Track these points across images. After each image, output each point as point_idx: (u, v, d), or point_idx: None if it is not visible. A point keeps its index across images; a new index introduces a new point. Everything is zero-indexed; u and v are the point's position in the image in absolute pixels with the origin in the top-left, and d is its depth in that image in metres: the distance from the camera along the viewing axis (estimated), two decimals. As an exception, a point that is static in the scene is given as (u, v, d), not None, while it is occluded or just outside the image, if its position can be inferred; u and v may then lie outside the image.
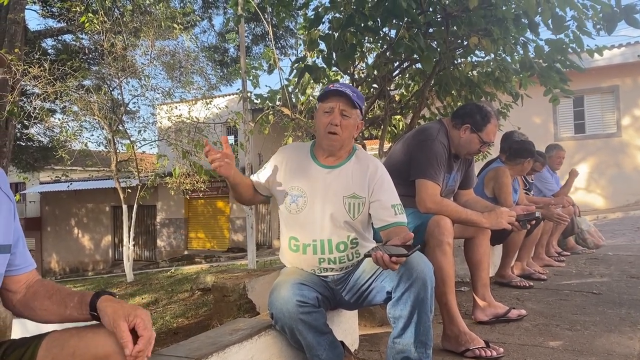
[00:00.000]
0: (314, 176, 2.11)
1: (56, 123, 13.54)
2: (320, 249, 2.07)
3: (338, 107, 2.03)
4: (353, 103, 2.03)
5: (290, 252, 2.15)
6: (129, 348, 1.11)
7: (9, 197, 1.31)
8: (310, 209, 2.07)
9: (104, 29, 10.50)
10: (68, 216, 22.54)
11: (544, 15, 3.11)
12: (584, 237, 5.81)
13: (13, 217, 1.31)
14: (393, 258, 1.69)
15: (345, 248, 2.09)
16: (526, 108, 5.21)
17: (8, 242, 1.26)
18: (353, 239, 2.10)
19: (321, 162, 2.14)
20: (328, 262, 2.09)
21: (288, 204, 2.10)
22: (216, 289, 3.35)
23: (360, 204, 2.09)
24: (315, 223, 2.07)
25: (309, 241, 2.08)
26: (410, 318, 1.85)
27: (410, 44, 3.35)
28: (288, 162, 2.16)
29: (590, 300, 3.45)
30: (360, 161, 2.16)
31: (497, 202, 3.79)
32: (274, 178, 2.15)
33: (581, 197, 12.48)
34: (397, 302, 1.88)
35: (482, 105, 2.84)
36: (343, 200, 2.07)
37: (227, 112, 11.29)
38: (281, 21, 5.45)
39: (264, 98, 5.51)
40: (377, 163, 2.20)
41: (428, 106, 5.42)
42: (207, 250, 19.40)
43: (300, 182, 2.10)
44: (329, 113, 2.05)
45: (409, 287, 1.83)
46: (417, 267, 1.84)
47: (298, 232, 2.10)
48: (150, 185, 12.13)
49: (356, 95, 2.05)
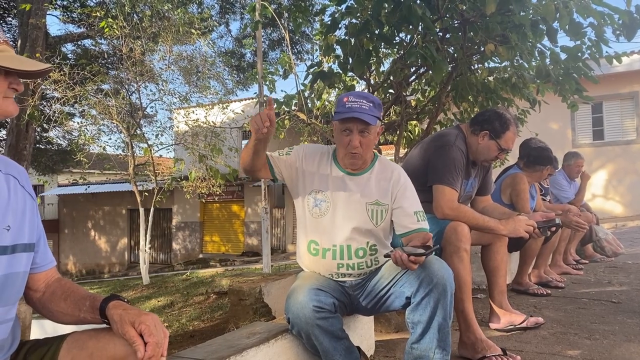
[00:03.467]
0: (338, 182, 2.11)
1: (75, 126, 13.77)
2: (340, 254, 2.08)
3: (356, 127, 2.00)
4: (371, 119, 1.98)
5: (309, 256, 2.15)
6: (140, 352, 1.12)
7: (32, 196, 1.33)
8: (333, 214, 2.08)
9: (123, 34, 10.64)
10: (85, 219, 22.83)
11: (562, 22, 3.09)
12: (602, 245, 5.73)
13: (36, 215, 1.33)
14: (411, 257, 1.72)
15: (364, 254, 2.09)
16: (544, 114, 5.17)
17: (32, 240, 1.29)
18: (372, 246, 2.10)
19: (344, 168, 2.13)
20: (346, 267, 2.10)
21: (311, 207, 2.11)
22: (232, 293, 3.36)
23: (383, 211, 2.10)
24: (337, 229, 2.07)
25: (328, 246, 2.09)
26: (430, 323, 1.85)
27: (423, 52, 3.34)
28: (311, 162, 2.14)
29: (609, 309, 3.40)
30: (383, 168, 2.16)
31: (514, 208, 3.76)
32: (294, 171, 2.13)
33: (600, 205, 12.32)
34: (416, 307, 1.88)
35: (501, 112, 2.82)
36: (366, 207, 2.08)
37: (243, 117, 11.38)
38: (298, 27, 5.49)
39: (280, 103, 5.55)
40: (400, 170, 2.20)
41: (444, 112, 5.41)
42: (222, 253, 19.49)
43: (324, 187, 2.10)
44: (347, 133, 2.02)
45: (429, 292, 1.84)
46: (438, 273, 1.85)
47: (318, 236, 2.11)
48: (166, 188, 12.24)
49: (373, 108, 2.00)
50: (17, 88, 1.22)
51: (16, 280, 1.22)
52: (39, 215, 1.36)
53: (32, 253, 1.29)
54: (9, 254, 1.20)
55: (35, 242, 1.31)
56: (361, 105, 1.97)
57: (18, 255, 1.23)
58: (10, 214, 1.22)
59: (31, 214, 1.30)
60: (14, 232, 1.22)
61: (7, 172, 1.28)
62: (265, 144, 1.96)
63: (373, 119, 1.98)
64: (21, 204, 1.28)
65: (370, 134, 2.02)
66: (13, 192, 1.26)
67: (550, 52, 3.72)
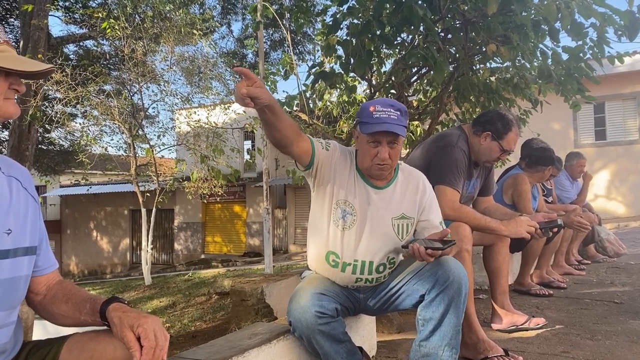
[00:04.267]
0: (364, 196, 2.02)
1: (77, 127, 13.79)
2: (360, 269, 2.02)
3: (385, 140, 1.91)
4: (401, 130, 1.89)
5: (327, 266, 2.06)
6: (136, 357, 1.12)
7: (34, 199, 1.32)
8: (358, 229, 2.00)
9: (125, 34, 10.66)
10: (87, 219, 22.88)
11: (564, 22, 3.09)
12: (604, 246, 5.72)
13: (38, 217, 1.32)
14: (429, 250, 1.74)
15: (384, 269, 2.06)
16: (546, 114, 5.15)
17: (34, 243, 1.28)
18: (391, 259, 2.07)
19: (370, 180, 2.04)
20: (365, 281, 2.06)
21: (337, 217, 2.00)
22: (234, 293, 3.36)
23: (409, 224, 2.06)
24: (361, 244, 2.01)
25: (350, 260, 2.01)
26: (441, 321, 1.85)
27: (424, 52, 3.34)
28: (343, 166, 2.03)
29: (611, 310, 3.40)
30: (407, 178, 2.10)
31: (516, 209, 3.75)
32: (327, 169, 2.00)
33: (602, 205, 12.28)
34: (430, 303, 1.87)
35: (504, 113, 2.82)
36: (392, 222, 2.02)
37: (245, 117, 11.37)
38: (299, 27, 5.49)
39: (281, 103, 5.55)
40: (425, 179, 2.15)
41: (446, 112, 5.40)
42: (224, 254, 19.51)
43: (351, 199, 2.00)
44: (375, 144, 1.92)
45: (444, 290, 1.84)
46: (454, 271, 1.85)
47: (340, 249, 2.02)
48: (168, 189, 12.25)
49: (401, 117, 1.90)
50: (19, 89, 1.21)
51: (18, 284, 1.22)
52: (41, 217, 1.35)
53: (34, 256, 1.28)
54: (10, 258, 1.19)
55: (37, 245, 1.29)
56: (390, 115, 1.88)
57: (20, 259, 1.22)
58: (11, 217, 1.21)
59: (33, 216, 1.29)
60: (16, 235, 1.21)
61: (9, 174, 1.27)
62: (270, 111, 1.72)
63: (403, 130, 1.90)
64: (23, 206, 1.27)
65: (398, 144, 1.94)
66: (15, 194, 1.25)
67: (552, 52, 3.71)
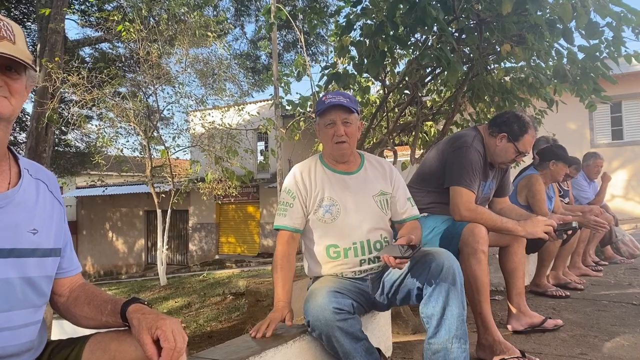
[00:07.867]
0: (339, 184, 2.21)
1: (93, 129, 13.96)
2: (361, 250, 2.16)
3: (339, 118, 2.13)
4: (350, 110, 2.13)
5: (329, 260, 2.18)
6: None
7: (60, 202, 1.35)
8: (345, 214, 2.16)
9: (140, 37, 10.77)
10: (103, 220, 23.09)
11: (579, 21, 3.06)
12: (618, 247, 5.66)
13: (63, 221, 1.35)
14: (397, 260, 1.85)
15: (381, 247, 2.17)
16: (561, 114, 5.11)
17: (59, 245, 1.31)
18: (385, 238, 2.21)
19: (339, 170, 2.24)
20: (368, 262, 2.17)
21: (321, 215, 2.16)
22: (250, 294, 3.39)
23: (388, 199, 2.26)
24: (353, 226, 2.15)
25: (349, 245, 2.15)
26: (443, 314, 1.90)
27: (437, 53, 3.33)
28: (306, 183, 2.20)
29: (630, 312, 3.36)
30: (373, 163, 2.33)
31: (531, 210, 3.73)
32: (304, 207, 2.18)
33: (619, 205, 12.13)
34: (428, 299, 1.95)
35: (520, 115, 2.80)
36: (373, 199, 2.21)
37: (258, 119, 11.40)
38: (313, 28, 5.51)
39: (295, 104, 5.57)
40: (387, 162, 2.38)
41: (460, 112, 5.38)
42: (238, 255, 19.56)
43: (328, 193, 2.18)
44: (331, 125, 2.15)
45: (439, 283, 1.91)
46: (445, 263, 1.92)
47: (337, 239, 2.16)
48: (183, 190, 12.34)
49: (351, 101, 2.15)
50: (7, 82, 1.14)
51: (42, 284, 1.24)
52: (66, 221, 1.38)
53: (58, 258, 1.31)
54: (35, 257, 1.21)
55: (61, 247, 1.32)
56: (339, 99, 2.13)
57: (44, 259, 1.25)
58: (37, 218, 1.24)
59: (59, 219, 1.32)
60: (41, 235, 1.24)
61: (37, 177, 1.30)
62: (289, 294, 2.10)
63: (352, 108, 2.13)
64: (49, 208, 1.30)
65: (352, 123, 2.15)
66: (42, 196, 1.28)
67: (568, 51, 3.68)
